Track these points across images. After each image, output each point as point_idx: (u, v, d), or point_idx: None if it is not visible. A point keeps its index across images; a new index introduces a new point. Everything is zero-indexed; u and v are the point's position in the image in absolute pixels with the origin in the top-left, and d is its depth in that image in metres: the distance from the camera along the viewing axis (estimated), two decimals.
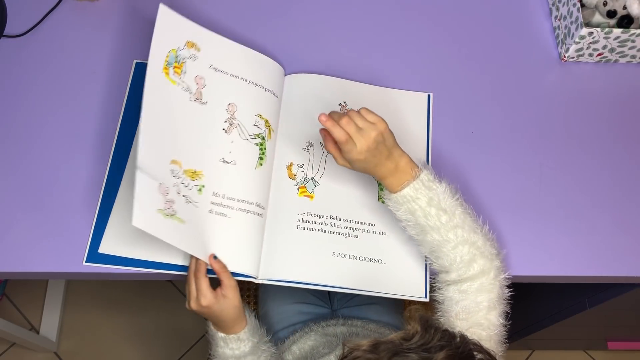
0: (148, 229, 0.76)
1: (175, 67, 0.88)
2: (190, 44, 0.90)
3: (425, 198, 0.80)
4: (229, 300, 0.84)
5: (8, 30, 1.06)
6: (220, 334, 0.87)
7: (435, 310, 0.85)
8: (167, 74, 0.87)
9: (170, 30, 0.89)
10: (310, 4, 1.12)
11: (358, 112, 0.81)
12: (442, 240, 0.81)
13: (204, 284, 0.82)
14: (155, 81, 0.85)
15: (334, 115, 0.81)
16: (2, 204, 0.92)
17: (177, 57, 0.88)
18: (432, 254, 0.84)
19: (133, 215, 0.74)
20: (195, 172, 0.87)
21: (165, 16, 0.88)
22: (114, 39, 1.06)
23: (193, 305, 0.83)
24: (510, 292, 0.84)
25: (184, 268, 0.88)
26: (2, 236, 0.90)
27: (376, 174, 0.83)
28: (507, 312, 0.83)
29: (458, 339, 0.63)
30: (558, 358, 0.84)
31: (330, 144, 0.84)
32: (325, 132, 0.84)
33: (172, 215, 0.80)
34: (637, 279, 0.94)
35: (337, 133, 0.79)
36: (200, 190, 0.87)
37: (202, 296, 0.82)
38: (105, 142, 0.97)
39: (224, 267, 0.85)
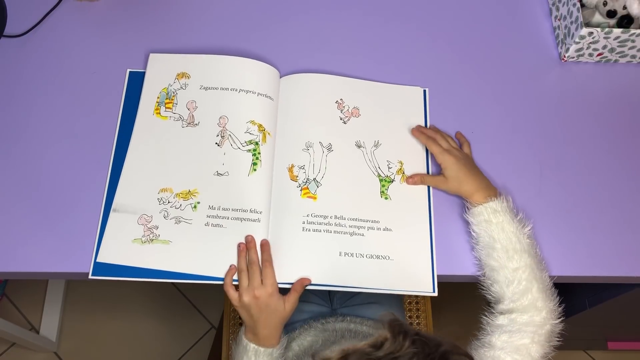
0: (116, 260, 0.87)
1: (166, 103, 0.98)
2: (181, 75, 1.01)
3: (503, 216, 0.87)
4: (286, 307, 0.85)
5: (8, 30, 1.06)
6: (253, 345, 0.86)
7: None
8: (159, 113, 0.98)
9: (161, 72, 1.01)
10: (304, 3, 1.12)
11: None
12: (507, 258, 0.85)
13: (273, 274, 0.84)
14: (144, 125, 0.97)
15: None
16: (2, 204, 0.92)
17: (168, 93, 0.99)
18: (491, 275, 0.87)
19: (99, 253, 0.88)
20: (189, 191, 0.92)
21: (155, 62, 1.02)
22: (113, 38, 1.06)
23: (257, 291, 0.83)
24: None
25: (182, 275, 0.87)
26: (2, 236, 0.90)
27: (469, 184, 0.90)
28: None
29: (431, 346, 0.60)
30: (558, 358, 0.84)
31: (427, 178, 0.95)
32: (415, 179, 0.95)
33: (152, 240, 0.89)
34: (637, 279, 0.94)
35: (429, 133, 0.96)
36: (195, 207, 0.91)
37: (270, 284, 0.83)
38: (106, 142, 0.97)
39: (302, 285, 0.86)
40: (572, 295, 1.18)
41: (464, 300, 1.45)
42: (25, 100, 1.00)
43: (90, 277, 0.87)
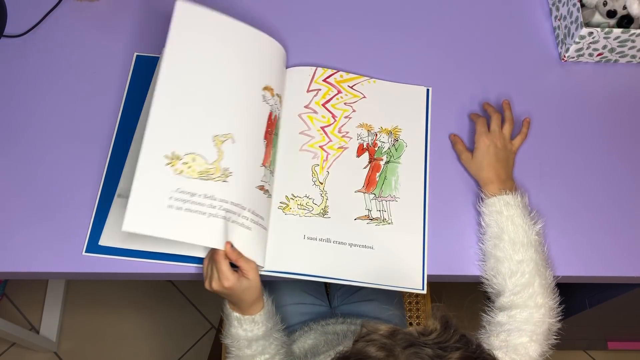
0: (115, 244, 0.88)
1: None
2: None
3: (515, 210, 0.88)
4: (251, 281, 0.84)
5: (8, 30, 1.06)
6: (236, 314, 0.86)
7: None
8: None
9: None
10: (313, 1, 1.13)
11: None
12: (513, 250, 0.86)
13: (225, 265, 0.82)
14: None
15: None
16: (1, 204, 0.92)
17: None
18: (495, 266, 0.88)
19: (101, 236, 0.88)
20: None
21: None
22: (113, 39, 1.06)
23: (215, 285, 0.83)
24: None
25: (182, 258, 0.88)
26: (2, 236, 0.90)
27: (488, 173, 0.92)
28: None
29: (474, 346, 0.62)
30: (558, 358, 0.84)
31: (460, 144, 0.98)
32: (454, 137, 0.99)
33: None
34: (637, 279, 0.94)
35: (490, 111, 0.99)
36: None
37: (224, 278, 0.82)
38: (104, 142, 0.97)
39: (239, 253, 0.84)
40: (572, 295, 1.18)
41: (464, 302, 1.45)
42: (25, 100, 1.00)
43: (83, 253, 0.89)
